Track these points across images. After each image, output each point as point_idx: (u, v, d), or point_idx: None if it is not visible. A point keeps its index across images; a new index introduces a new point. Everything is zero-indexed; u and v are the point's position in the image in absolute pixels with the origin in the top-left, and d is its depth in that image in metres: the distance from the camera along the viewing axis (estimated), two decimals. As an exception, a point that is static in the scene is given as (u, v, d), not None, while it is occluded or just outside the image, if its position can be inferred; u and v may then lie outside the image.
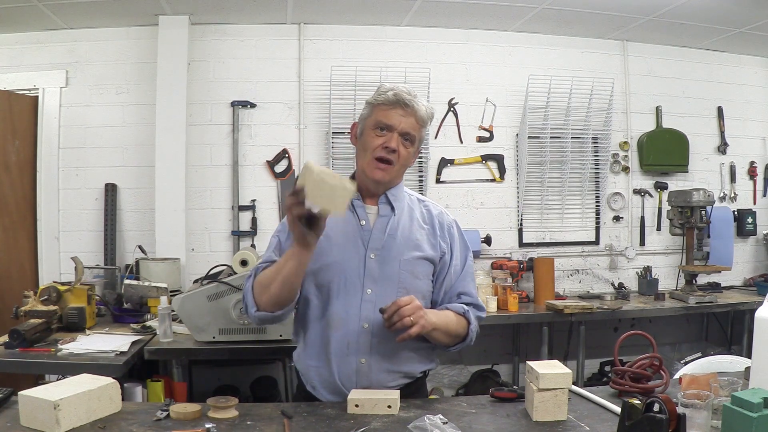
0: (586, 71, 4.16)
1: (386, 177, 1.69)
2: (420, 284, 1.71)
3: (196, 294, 2.54)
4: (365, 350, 1.65)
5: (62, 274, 3.69)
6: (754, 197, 4.52)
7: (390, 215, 1.73)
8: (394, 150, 1.65)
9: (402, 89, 1.68)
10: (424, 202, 1.83)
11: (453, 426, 1.38)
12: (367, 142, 1.68)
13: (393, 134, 1.66)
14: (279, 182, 3.92)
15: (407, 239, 1.71)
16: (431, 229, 1.77)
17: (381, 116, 1.67)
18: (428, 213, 1.80)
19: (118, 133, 3.81)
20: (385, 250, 1.68)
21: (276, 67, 3.93)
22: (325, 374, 1.68)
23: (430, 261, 1.74)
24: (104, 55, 3.81)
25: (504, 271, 3.89)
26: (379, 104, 1.68)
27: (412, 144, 1.70)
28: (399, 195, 1.76)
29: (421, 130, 1.71)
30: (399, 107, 1.66)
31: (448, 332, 1.69)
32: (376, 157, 1.66)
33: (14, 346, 2.42)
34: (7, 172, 3.63)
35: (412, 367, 1.72)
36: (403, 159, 1.69)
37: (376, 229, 1.70)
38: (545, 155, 4.12)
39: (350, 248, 1.68)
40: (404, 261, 1.68)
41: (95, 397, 1.45)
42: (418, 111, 1.67)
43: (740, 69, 4.49)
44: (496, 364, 4.11)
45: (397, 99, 1.66)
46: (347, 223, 1.70)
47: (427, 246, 1.73)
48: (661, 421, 1.14)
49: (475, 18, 3.89)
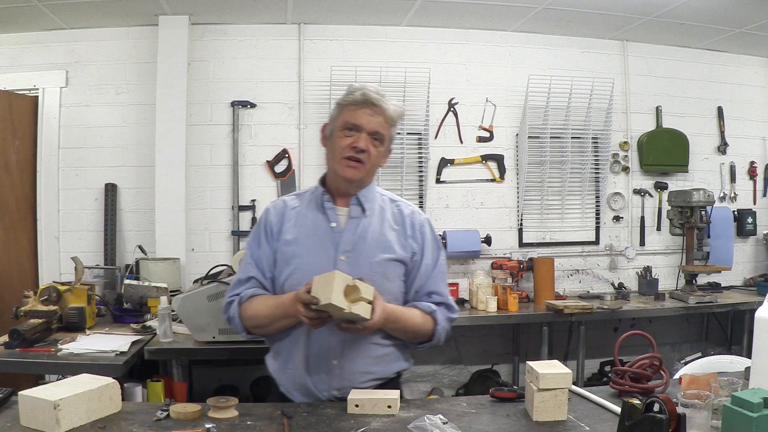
0: (586, 71, 4.16)
1: (357, 175, 1.68)
2: (391, 286, 1.69)
3: (196, 294, 2.54)
4: (337, 352, 1.65)
5: (62, 274, 3.69)
6: (754, 197, 4.52)
7: (361, 216, 1.72)
8: (363, 150, 1.66)
9: (370, 89, 1.68)
10: (396, 202, 1.82)
11: (453, 426, 1.38)
12: (336, 142, 1.68)
13: (362, 134, 1.66)
14: (279, 182, 3.92)
15: (378, 241, 1.70)
16: (402, 229, 1.76)
17: (349, 116, 1.67)
18: (399, 213, 1.79)
19: (118, 133, 3.81)
20: (355, 252, 1.68)
21: (276, 67, 3.93)
22: (297, 377, 1.68)
23: (401, 262, 1.73)
24: (104, 55, 3.81)
25: (504, 271, 3.89)
26: (347, 104, 1.68)
27: (381, 143, 1.70)
28: (370, 195, 1.76)
29: (391, 128, 1.71)
30: (367, 107, 1.66)
31: (406, 330, 1.69)
32: (346, 157, 1.66)
33: (14, 346, 2.42)
34: (7, 172, 3.63)
35: (385, 368, 1.72)
36: (374, 158, 1.69)
37: (346, 231, 1.70)
38: (545, 155, 4.12)
39: (320, 251, 1.68)
40: (375, 263, 1.68)
41: (95, 397, 1.46)
42: (386, 110, 1.67)
43: (740, 69, 4.48)
44: (496, 364, 4.11)
45: (365, 99, 1.65)
46: (317, 226, 1.71)
47: (397, 247, 1.72)
48: (661, 421, 1.14)
49: (475, 18, 3.89)
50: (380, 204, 1.78)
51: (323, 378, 1.66)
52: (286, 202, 1.80)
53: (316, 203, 1.75)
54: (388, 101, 1.68)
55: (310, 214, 1.74)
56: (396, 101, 1.73)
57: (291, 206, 1.77)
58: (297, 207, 1.77)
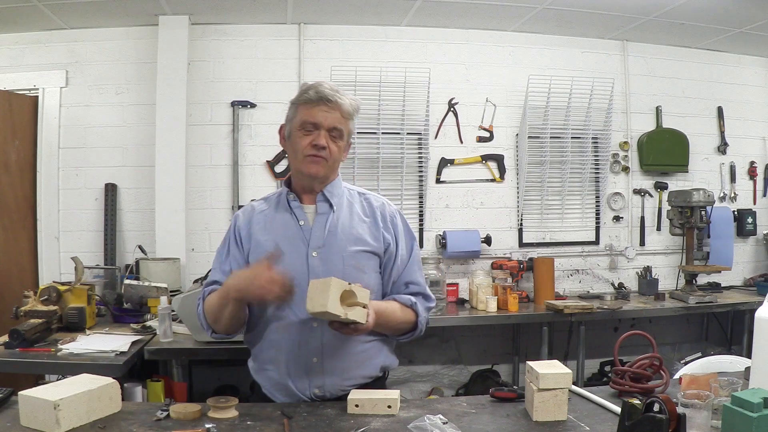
0: (586, 71, 4.16)
1: (321, 171, 1.70)
2: (366, 278, 1.69)
3: (196, 294, 2.53)
4: (316, 350, 1.65)
5: (62, 274, 3.69)
6: (754, 197, 4.52)
7: (329, 212, 1.73)
8: (324, 147, 1.67)
9: (324, 85, 1.69)
10: (364, 194, 1.83)
11: (453, 426, 1.38)
12: (296, 142, 1.70)
13: (320, 131, 1.67)
14: (279, 182, 3.92)
15: (348, 234, 1.71)
16: (373, 221, 1.76)
17: (306, 115, 1.68)
18: (369, 205, 1.80)
19: (118, 133, 3.81)
20: (326, 247, 1.69)
21: (276, 67, 3.93)
22: (277, 377, 1.68)
23: (374, 254, 1.73)
24: (104, 55, 3.81)
25: (504, 271, 3.89)
26: (303, 103, 1.69)
27: (341, 138, 1.71)
28: (336, 191, 1.77)
29: (348, 122, 1.72)
30: (322, 104, 1.66)
31: (390, 326, 1.71)
32: (307, 155, 1.68)
33: (14, 346, 2.42)
34: (7, 172, 3.63)
35: (369, 366, 1.72)
36: (334, 154, 1.71)
37: (315, 227, 1.71)
38: (545, 155, 4.12)
39: (292, 249, 1.68)
40: (347, 255, 1.68)
41: (95, 397, 1.46)
42: (342, 105, 1.68)
43: (740, 69, 4.48)
44: (496, 364, 4.11)
45: (320, 96, 1.66)
46: (287, 226, 1.72)
47: (369, 239, 1.73)
48: (661, 421, 1.14)
49: (475, 18, 3.89)
50: (348, 198, 1.79)
51: (303, 376, 1.65)
52: (254, 206, 1.82)
53: (283, 204, 1.77)
54: (343, 96, 1.69)
55: (278, 216, 1.75)
56: (351, 95, 1.74)
57: (259, 210, 1.79)
58: (265, 210, 1.79)
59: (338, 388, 1.66)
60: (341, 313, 1.45)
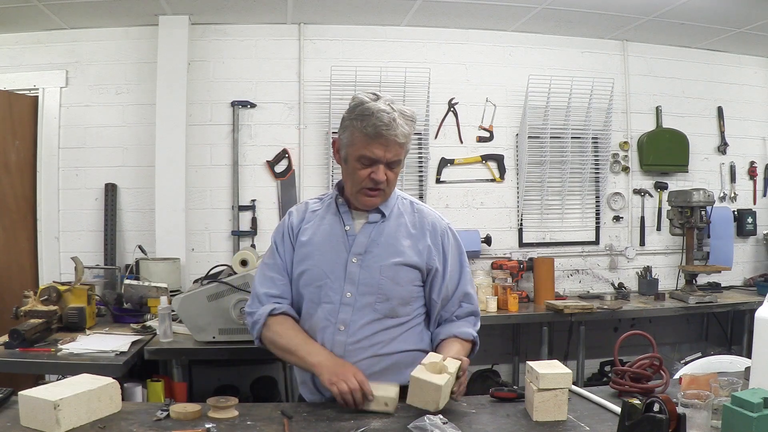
0: (586, 71, 4.16)
1: (378, 202, 1.72)
2: (401, 291, 1.69)
3: (196, 294, 2.54)
4: (339, 354, 1.65)
5: (62, 274, 3.69)
6: (754, 197, 4.52)
7: (378, 221, 1.73)
8: (383, 180, 1.66)
9: (382, 115, 1.60)
10: (417, 205, 1.82)
11: (453, 426, 1.38)
12: (353, 172, 1.67)
13: (380, 166, 1.65)
14: (279, 182, 3.92)
15: (390, 245, 1.70)
16: (421, 233, 1.75)
17: (364, 151, 1.63)
18: (420, 218, 1.78)
19: (118, 133, 3.81)
20: (367, 255, 1.69)
21: (276, 67, 3.93)
22: (304, 376, 1.72)
23: (415, 267, 1.71)
24: (104, 55, 3.81)
25: (504, 271, 3.89)
26: (360, 135, 1.63)
27: (399, 165, 1.70)
28: (389, 203, 1.76)
29: (406, 146, 1.68)
30: (381, 138, 1.61)
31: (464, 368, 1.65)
32: (366, 188, 1.67)
33: (14, 346, 2.42)
34: (7, 172, 3.63)
35: (401, 375, 1.65)
36: (392, 183, 1.71)
37: (360, 235, 1.71)
38: (545, 155, 4.12)
39: (333, 253, 1.70)
40: (385, 267, 1.68)
41: (95, 397, 1.46)
42: (398, 137, 1.62)
43: (740, 69, 4.48)
44: (496, 364, 4.11)
45: (378, 132, 1.60)
46: (333, 229, 1.73)
47: (411, 252, 1.71)
48: (661, 421, 1.14)
49: (475, 18, 3.89)
50: (399, 208, 1.78)
51: None
52: (308, 204, 1.84)
53: (333, 207, 1.78)
54: (399, 123, 1.61)
55: (327, 217, 1.77)
56: (406, 116, 1.65)
57: (312, 209, 1.81)
58: (317, 210, 1.80)
59: None
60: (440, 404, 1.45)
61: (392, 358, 1.69)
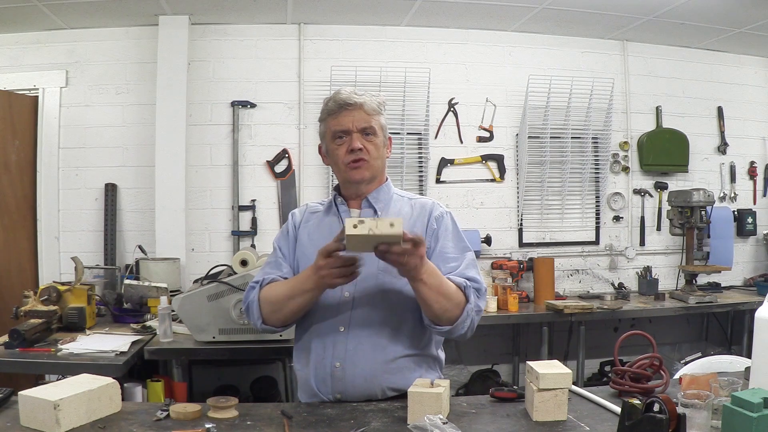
0: (586, 71, 4.16)
1: (365, 173, 1.71)
2: (401, 283, 1.64)
3: (196, 294, 2.54)
4: (340, 354, 1.64)
5: (62, 274, 3.69)
6: (754, 197, 4.52)
7: (371, 216, 1.72)
8: (360, 148, 1.67)
9: (341, 92, 1.71)
10: (414, 200, 1.82)
11: (453, 426, 1.37)
12: (334, 154, 1.72)
13: (352, 135, 1.68)
14: (279, 182, 3.92)
15: None
16: (419, 221, 1.75)
17: (333, 125, 1.70)
18: (419, 207, 1.78)
19: (118, 133, 3.81)
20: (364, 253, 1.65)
21: (276, 67, 3.93)
22: (304, 377, 1.70)
23: None
24: (104, 55, 3.81)
25: (504, 271, 3.89)
26: (327, 117, 1.72)
27: (374, 135, 1.71)
28: (381, 196, 1.77)
29: (377, 117, 1.72)
30: (344, 110, 1.68)
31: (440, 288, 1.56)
32: (348, 162, 1.69)
33: (14, 346, 2.42)
34: (7, 172, 3.63)
35: (402, 379, 1.63)
36: (372, 152, 1.71)
37: None
38: (545, 155, 4.12)
39: None
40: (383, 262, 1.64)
41: (95, 397, 1.45)
42: (363, 104, 1.69)
43: (740, 69, 4.48)
44: (496, 364, 4.11)
45: (339, 104, 1.69)
46: (332, 228, 1.72)
47: None
48: (661, 421, 1.14)
49: (475, 18, 3.89)
50: (396, 204, 1.78)
51: (326, 380, 1.65)
52: (310, 206, 1.86)
53: (332, 208, 1.80)
54: (361, 95, 1.70)
55: (327, 218, 1.79)
56: (372, 93, 1.75)
57: (312, 210, 1.84)
58: (318, 212, 1.83)
59: (364, 396, 1.63)
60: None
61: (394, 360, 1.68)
